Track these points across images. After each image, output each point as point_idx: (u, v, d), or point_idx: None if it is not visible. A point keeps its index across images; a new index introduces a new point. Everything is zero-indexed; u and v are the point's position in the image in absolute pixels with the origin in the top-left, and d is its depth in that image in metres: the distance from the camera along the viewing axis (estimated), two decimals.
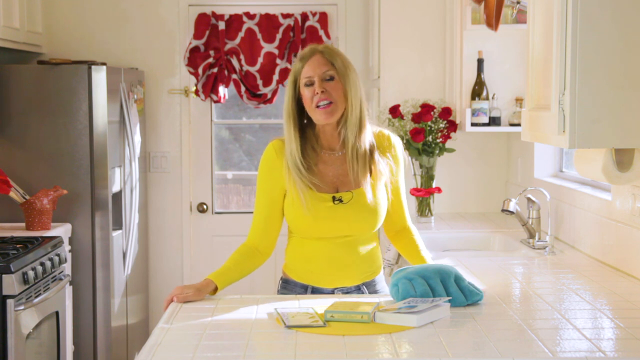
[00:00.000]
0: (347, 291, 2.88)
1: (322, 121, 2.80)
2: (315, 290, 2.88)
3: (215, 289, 2.79)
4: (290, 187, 2.82)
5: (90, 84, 4.62)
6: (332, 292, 2.87)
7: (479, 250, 4.23)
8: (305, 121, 2.86)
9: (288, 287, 2.93)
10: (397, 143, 2.93)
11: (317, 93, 2.77)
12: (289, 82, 2.85)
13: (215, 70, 5.42)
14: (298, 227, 2.86)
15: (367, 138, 2.86)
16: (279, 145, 2.87)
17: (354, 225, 2.83)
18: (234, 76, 5.43)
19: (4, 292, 3.61)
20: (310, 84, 2.80)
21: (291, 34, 5.41)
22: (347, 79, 2.81)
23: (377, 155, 2.87)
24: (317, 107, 2.78)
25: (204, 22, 5.42)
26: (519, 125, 4.45)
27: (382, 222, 2.89)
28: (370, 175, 2.84)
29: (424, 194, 4.66)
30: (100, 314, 4.70)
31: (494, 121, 4.59)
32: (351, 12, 5.50)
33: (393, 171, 2.90)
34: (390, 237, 3.03)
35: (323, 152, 2.87)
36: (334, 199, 2.81)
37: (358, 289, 2.89)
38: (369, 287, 2.91)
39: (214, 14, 5.43)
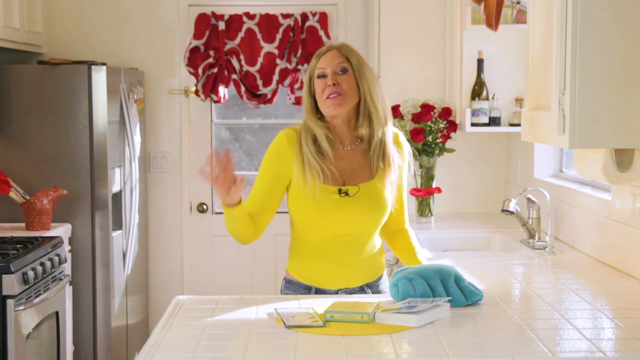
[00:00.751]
0: (350, 292, 2.88)
1: (330, 112, 2.80)
2: (319, 291, 2.88)
3: (238, 203, 2.72)
4: (297, 175, 2.81)
5: (90, 84, 4.62)
6: (336, 292, 2.87)
7: (479, 250, 4.23)
8: (318, 115, 2.87)
9: (291, 287, 2.93)
10: (406, 144, 2.94)
11: (329, 85, 2.78)
12: (305, 79, 2.86)
13: (215, 70, 5.42)
14: (302, 219, 2.85)
15: (390, 133, 2.87)
16: (291, 134, 2.86)
17: (358, 219, 2.83)
18: (234, 76, 5.43)
19: (4, 292, 3.61)
20: (322, 75, 2.81)
21: (291, 34, 5.41)
22: (361, 74, 2.81)
23: (394, 151, 2.87)
24: (327, 98, 2.79)
25: (204, 22, 5.42)
26: (519, 125, 4.45)
27: (386, 218, 2.89)
28: (387, 172, 2.84)
29: (424, 194, 4.66)
30: (100, 314, 4.70)
31: (494, 121, 4.59)
32: (351, 12, 5.49)
33: (401, 166, 2.90)
34: (387, 238, 3.03)
35: (333, 146, 2.87)
36: (339, 191, 2.81)
37: (362, 290, 2.89)
38: (372, 287, 2.92)
39: (214, 14, 5.43)
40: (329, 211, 2.80)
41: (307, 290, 2.89)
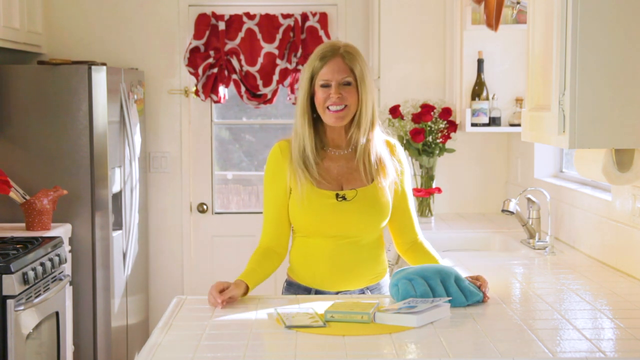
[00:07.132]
0: (350, 295, 2.87)
1: (333, 124, 2.81)
2: (319, 293, 2.87)
3: (246, 291, 2.76)
4: (293, 183, 2.82)
5: (90, 84, 4.62)
6: (335, 295, 2.86)
7: (479, 251, 4.22)
8: (314, 115, 2.86)
9: (291, 289, 2.93)
10: (402, 153, 2.94)
11: (332, 95, 2.78)
12: (304, 77, 2.84)
13: (215, 70, 5.42)
14: (301, 225, 2.85)
15: (378, 138, 2.87)
16: (285, 146, 2.87)
17: (356, 223, 2.82)
18: (234, 76, 5.43)
19: (4, 292, 3.61)
20: (326, 85, 2.80)
21: (291, 34, 5.41)
22: (363, 85, 2.81)
23: (387, 156, 2.87)
24: (328, 108, 2.79)
25: (204, 23, 5.42)
26: (519, 125, 4.45)
27: (385, 222, 2.88)
28: (381, 174, 2.84)
29: (424, 194, 4.66)
30: (100, 314, 4.70)
31: (494, 121, 4.59)
32: (351, 12, 5.49)
33: (398, 173, 2.88)
34: (403, 252, 2.97)
35: (329, 149, 2.87)
36: (337, 195, 2.81)
37: (362, 293, 2.88)
38: (373, 291, 2.90)
39: (214, 14, 5.43)
40: (327, 216, 2.80)
41: (307, 292, 2.89)
